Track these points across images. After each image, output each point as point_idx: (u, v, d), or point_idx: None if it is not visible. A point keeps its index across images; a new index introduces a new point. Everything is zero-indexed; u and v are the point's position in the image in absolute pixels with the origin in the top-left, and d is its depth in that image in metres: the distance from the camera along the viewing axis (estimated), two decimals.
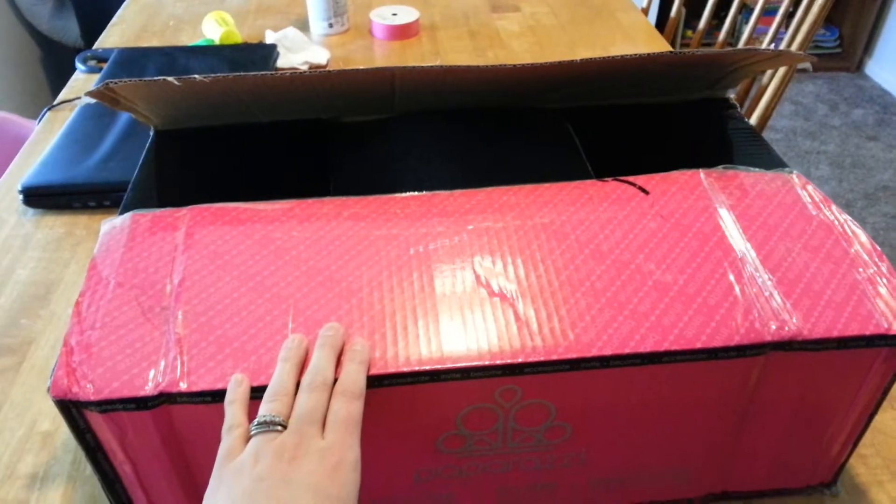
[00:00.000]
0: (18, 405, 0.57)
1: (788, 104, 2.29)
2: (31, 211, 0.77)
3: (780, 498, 0.50)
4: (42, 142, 0.88)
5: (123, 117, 0.85)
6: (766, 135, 1.93)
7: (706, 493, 0.48)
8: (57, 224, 0.76)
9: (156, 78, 0.46)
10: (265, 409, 0.35)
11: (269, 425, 0.34)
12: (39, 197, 0.77)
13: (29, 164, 0.80)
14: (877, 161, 2.04)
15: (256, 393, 0.37)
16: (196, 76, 0.47)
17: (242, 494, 0.32)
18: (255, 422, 0.35)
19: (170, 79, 0.46)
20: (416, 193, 0.47)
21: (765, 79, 0.98)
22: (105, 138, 0.82)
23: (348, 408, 0.35)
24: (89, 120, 0.86)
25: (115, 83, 0.47)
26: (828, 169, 2.02)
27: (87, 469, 0.41)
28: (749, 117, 1.02)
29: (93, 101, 0.87)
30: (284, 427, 0.35)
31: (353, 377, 0.37)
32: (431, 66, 0.50)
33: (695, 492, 0.48)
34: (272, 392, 0.36)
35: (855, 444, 0.47)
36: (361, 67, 0.50)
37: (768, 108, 0.96)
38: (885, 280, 0.42)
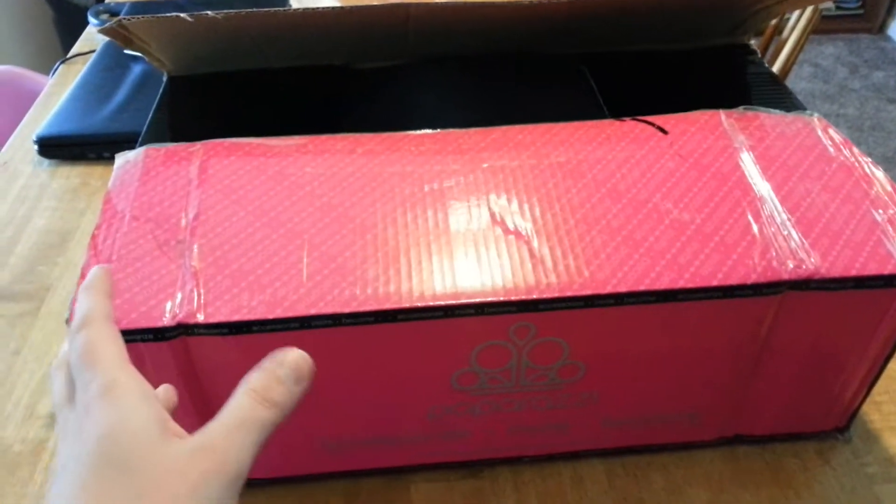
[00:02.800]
0: (37, 348, 0.58)
1: (808, 66, 2.25)
2: (46, 161, 0.78)
3: (793, 442, 0.50)
4: (56, 94, 0.88)
5: (137, 69, 0.85)
6: None
7: (718, 436, 0.49)
8: (72, 174, 0.76)
9: (168, 14, 0.46)
10: None
11: None
12: (54, 147, 0.77)
13: (43, 116, 0.80)
14: None
15: (274, 325, 0.37)
16: (208, 12, 0.46)
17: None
18: None
19: (182, 15, 0.46)
20: (431, 131, 0.47)
21: (784, 32, 0.96)
22: (119, 89, 0.82)
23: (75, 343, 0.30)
24: (103, 71, 0.86)
25: (128, 20, 0.47)
26: (847, 132, 1.99)
27: None
28: None
29: (106, 51, 0.87)
30: None
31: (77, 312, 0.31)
32: (446, 2, 0.49)
33: (707, 434, 0.48)
34: None
35: (869, 390, 0.47)
36: (375, 3, 0.50)
37: (788, 62, 0.94)
38: None
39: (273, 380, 0.30)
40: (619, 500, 0.47)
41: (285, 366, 0.31)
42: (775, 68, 0.97)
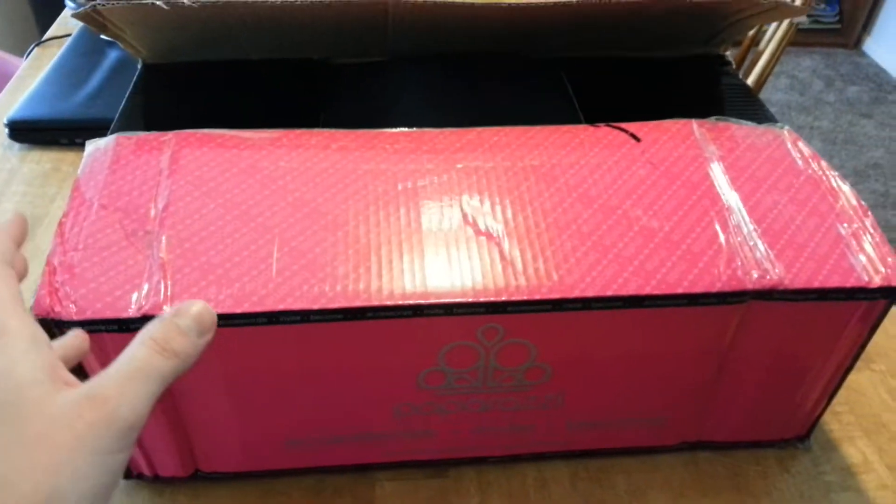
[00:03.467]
0: None
1: (785, 78, 2.29)
2: (17, 146, 0.76)
3: (754, 450, 0.51)
4: (29, 77, 0.86)
5: (113, 54, 0.84)
6: None
7: (680, 441, 0.49)
8: (43, 159, 0.75)
9: (144, 1, 0.45)
10: None
11: None
12: (26, 131, 0.76)
13: (16, 99, 0.79)
14: (869, 139, 2.05)
15: (242, 320, 0.37)
16: (184, 0, 0.46)
17: None
18: None
19: (158, 2, 0.45)
20: (407, 129, 0.47)
21: (761, 44, 0.97)
22: (94, 75, 0.81)
23: None
24: (78, 56, 0.85)
25: (103, 5, 0.46)
26: (820, 144, 2.02)
27: None
28: None
29: (82, 36, 0.86)
30: None
31: None
32: (425, 0, 0.49)
33: (669, 440, 0.49)
34: None
35: (829, 400, 0.48)
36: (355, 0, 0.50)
37: (763, 73, 0.96)
38: (868, 235, 0.42)
39: (174, 330, 0.29)
40: (581, 503, 0.47)
41: (188, 317, 0.30)
42: (751, 79, 0.98)
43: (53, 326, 0.37)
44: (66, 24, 0.99)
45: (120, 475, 0.26)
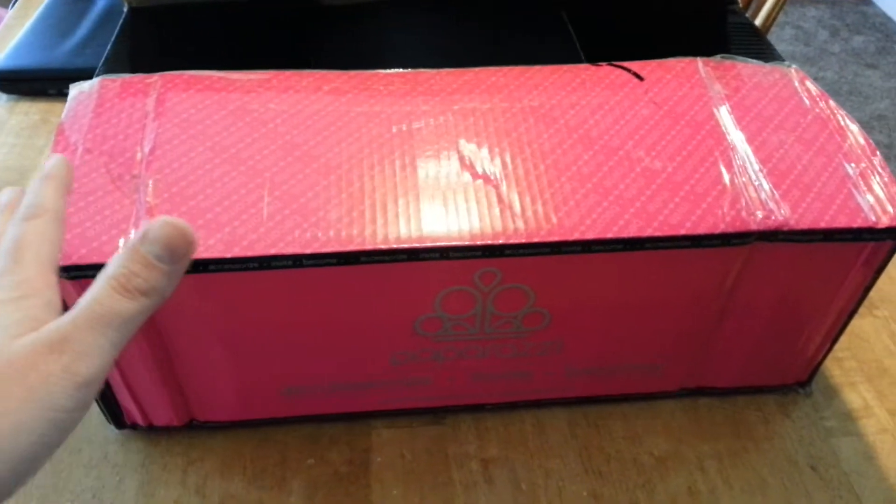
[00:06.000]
0: None
1: (789, 28, 2.24)
2: (4, 97, 0.75)
3: (754, 395, 0.50)
4: (16, 27, 0.84)
5: (101, 2, 0.81)
6: None
7: (680, 387, 0.49)
8: (32, 110, 0.74)
9: None
10: None
11: None
12: (13, 81, 0.74)
13: (2, 49, 0.77)
14: (874, 89, 2.02)
15: (232, 265, 0.36)
16: None
17: None
18: None
19: None
20: (402, 70, 0.45)
21: None
22: (81, 23, 0.79)
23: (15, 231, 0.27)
24: (66, 4, 0.82)
25: None
26: None
27: None
28: None
29: None
30: None
31: (30, 198, 0.29)
32: None
33: (669, 385, 0.49)
34: None
35: (831, 346, 0.48)
36: None
37: (768, 18, 0.93)
38: (876, 175, 0.41)
39: (138, 262, 0.25)
40: (579, 448, 0.47)
41: (155, 242, 0.25)
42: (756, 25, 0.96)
43: None
44: None
45: (69, 432, 0.24)
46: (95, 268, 0.36)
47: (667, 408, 0.49)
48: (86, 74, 0.73)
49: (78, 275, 0.36)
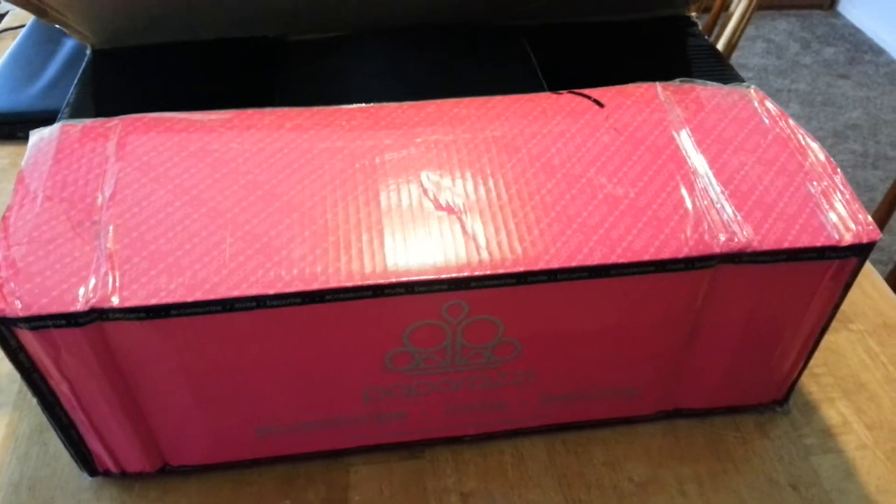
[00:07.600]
0: None
1: (760, 42, 2.27)
2: None
3: (732, 415, 0.50)
4: None
5: (69, 43, 0.81)
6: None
7: (657, 409, 0.49)
8: (1, 154, 0.73)
9: None
10: None
11: None
12: None
13: None
14: (847, 99, 2.04)
15: (195, 309, 0.36)
16: None
17: None
18: None
19: None
20: (364, 105, 0.45)
21: (732, 6, 0.96)
22: (50, 65, 0.79)
23: None
24: (34, 46, 0.82)
25: None
26: (798, 107, 2.02)
27: (34, 399, 0.40)
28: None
29: (37, 25, 0.83)
30: None
31: None
32: None
33: (646, 409, 0.48)
34: None
35: (806, 362, 0.48)
36: None
37: (734, 35, 0.94)
38: (837, 193, 0.41)
39: None
40: (559, 477, 0.47)
41: None
42: (722, 42, 0.97)
43: (1, 325, 0.36)
44: (19, 13, 0.96)
45: None
46: (56, 318, 0.35)
47: (645, 431, 0.49)
48: (54, 117, 0.73)
49: (39, 325, 0.35)
